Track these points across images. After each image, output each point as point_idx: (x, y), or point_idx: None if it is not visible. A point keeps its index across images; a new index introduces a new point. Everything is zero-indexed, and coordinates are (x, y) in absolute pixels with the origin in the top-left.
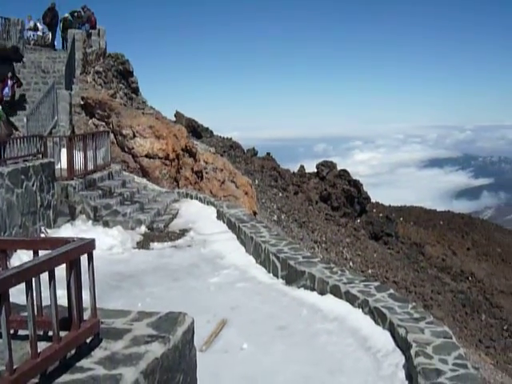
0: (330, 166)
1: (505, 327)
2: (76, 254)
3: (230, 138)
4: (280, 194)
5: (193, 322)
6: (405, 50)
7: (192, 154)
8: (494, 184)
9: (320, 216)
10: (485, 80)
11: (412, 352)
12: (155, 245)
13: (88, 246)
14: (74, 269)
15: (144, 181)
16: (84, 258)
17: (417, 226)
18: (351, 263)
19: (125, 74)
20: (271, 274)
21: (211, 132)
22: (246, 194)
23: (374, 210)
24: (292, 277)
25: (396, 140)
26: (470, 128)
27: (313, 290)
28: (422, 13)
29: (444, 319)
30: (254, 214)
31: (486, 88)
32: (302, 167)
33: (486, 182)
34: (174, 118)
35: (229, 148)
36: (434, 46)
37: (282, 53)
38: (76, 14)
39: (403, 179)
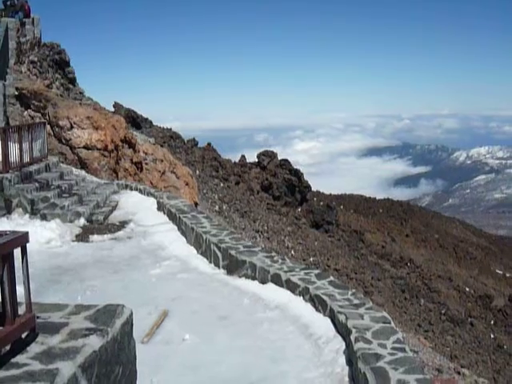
0: (270, 155)
1: (442, 311)
2: (8, 247)
3: (170, 129)
4: (221, 185)
5: (131, 314)
6: (343, 40)
7: (131, 144)
8: (432, 172)
9: (261, 206)
10: (422, 69)
11: (352, 338)
12: (95, 237)
13: (21, 240)
14: (6, 263)
15: (82, 173)
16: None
17: (357, 213)
18: (293, 252)
19: (61, 64)
20: (212, 265)
21: (151, 122)
22: (187, 184)
23: (315, 199)
24: (233, 266)
25: (336, 129)
26: (407, 117)
27: (254, 279)
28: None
29: (384, 305)
30: (195, 204)
31: (424, 77)
32: (243, 157)
33: (423, 169)
34: (112, 109)
35: (169, 138)
36: (371, 34)
37: (226, 41)
38: (9, 2)
39: (343, 168)
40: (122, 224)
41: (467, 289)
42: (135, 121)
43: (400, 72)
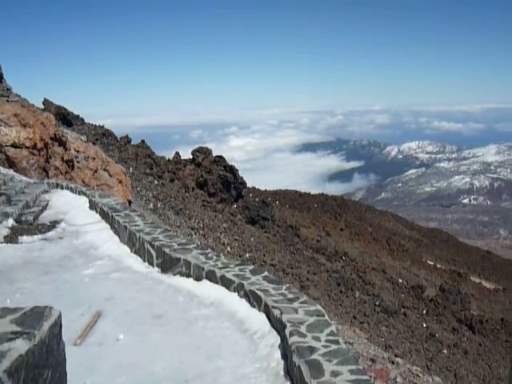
0: (205, 152)
1: (377, 303)
2: None
3: (103, 126)
4: (155, 182)
5: (60, 316)
6: (276, 37)
7: (62, 142)
8: (365, 166)
9: (197, 202)
10: (354, 66)
11: (287, 332)
12: (24, 238)
13: None
14: None
15: (10, 172)
16: None
17: (292, 209)
18: (229, 248)
19: None
20: (146, 263)
21: (82, 120)
22: (120, 182)
23: (251, 195)
24: (167, 264)
25: (271, 125)
26: (341, 113)
27: (188, 276)
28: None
29: (320, 298)
30: (129, 202)
31: (357, 74)
32: (177, 154)
33: (356, 164)
34: (42, 106)
35: (101, 136)
36: (304, 32)
37: (159, 37)
38: None
39: (278, 164)
40: (53, 224)
41: (400, 280)
42: (66, 118)
43: (334, 69)
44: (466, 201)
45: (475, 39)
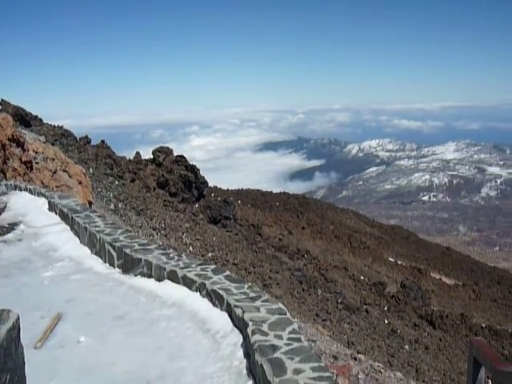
0: (166, 151)
1: (339, 300)
2: None
3: (62, 126)
4: (116, 182)
5: (18, 319)
6: (237, 36)
7: (20, 143)
8: (326, 165)
9: (158, 202)
10: (314, 65)
11: (249, 330)
12: None
13: None
14: None
15: None
16: None
17: (254, 208)
18: (191, 248)
19: None
20: (107, 264)
21: (41, 120)
22: (80, 183)
23: (213, 195)
24: (128, 265)
25: (232, 124)
26: (302, 111)
27: (150, 276)
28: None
29: (283, 297)
30: (90, 203)
31: (317, 72)
32: (137, 154)
33: (317, 163)
34: None
35: (60, 136)
36: (265, 31)
37: (116, 35)
38: None
39: (240, 163)
40: (12, 226)
41: (362, 277)
42: (24, 119)
43: (294, 68)
44: (425, 198)
45: (433, 38)
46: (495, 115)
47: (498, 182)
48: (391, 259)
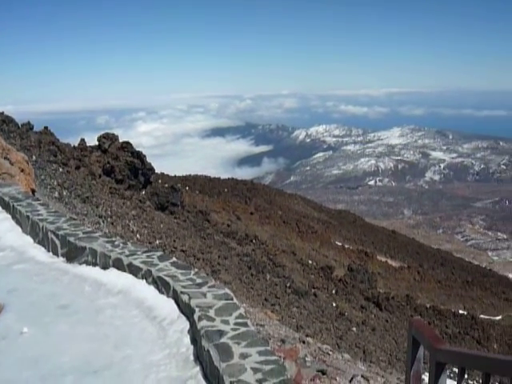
0: (111, 138)
1: (288, 284)
2: None
3: (2, 113)
4: (60, 170)
5: None
6: (183, 22)
7: None
8: (273, 150)
9: (104, 190)
10: (261, 51)
11: (195, 317)
12: None
13: None
14: None
15: None
16: None
17: (202, 194)
18: (138, 235)
19: None
20: (51, 253)
21: None
22: (22, 171)
23: (160, 181)
24: (73, 254)
25: (179, 110)
26: (249, 97)
27: (95, 265)
28: None
29: (232, 282)
30: (33, 191)
31: (264, 57)
32: (82, 140)
33: (265, 149)
34: None
35: (1, 123)
36: (210, 17)
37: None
38: None
39: (187, 149)
40: None
41: (310, 261)
42: None
43: (241, 53)
44: (371, 182)
45: (379, 25)
46: (438, 101)
47: (442, 166)
48: (338, 243)
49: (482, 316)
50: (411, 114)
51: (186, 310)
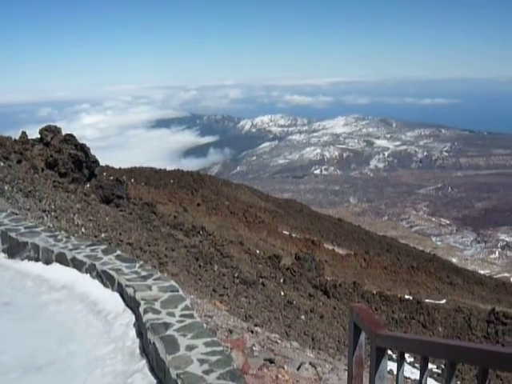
0: (54, 130)
1: (235, 274)
2: None
3: None
4: (1, 164)
5: None
6: (123, 14)
7: None
8: (219, 141)
9: (47, 184)
10: (205, 39)
11: (141, 309)
12: None
13: None
14: None
15: None
16: None
17: (148, 186)
18: (83, 229)
19: None
20: None
21: None
22: None
23: (105, 174)
24: (14, 249)
25: (124, 102)
26: (194, 88)
27: (37, 260)
28: None
29: (179, 274)
30: None
31: (207, 47)
32: (24, 133)
33: (211, 139)
34: None
35: None
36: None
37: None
38: None
39: (132, 140)
40: None
41: (258, 251)
42: None
43: (185, 43)
44: (317, 171)
45: (321, 16)
46: (381, 90)
47: (386, 154)
48: (286, 232)
49: (427, 300)
50: (355, 103)
51: (131, 303)
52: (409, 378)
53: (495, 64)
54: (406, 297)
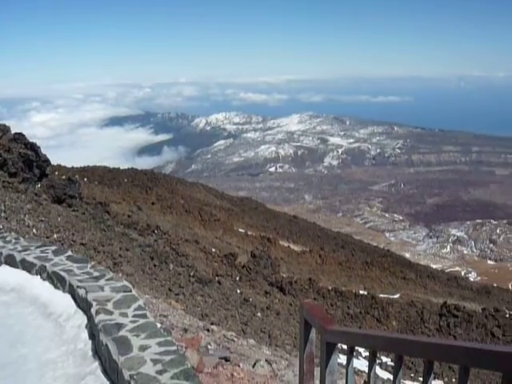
0: (3, 129)
1: (191, 273)
2: None
3: None
4: None
5: None
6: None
7: None
8: (174, 139)
9: None
10: (159, 37)
11: (93, 311)
12: None
13: None
14: None
15: None
16: None
17: (101, 185)
18: (34, 230)
19: None
20: None
21: None
22: None
23: (56, 173)
24: None
25: (76, 100)
26: (148, 85)
27: None
28: None
29: (134, 274)
30: None
31: (162, 45)
32: None
33: (165, 137)
34: None
35: None
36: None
37: None
38: None
39: (85, 139)
40: None
41: (213, 249)
42: None
43: (139, 41)
44: (272, 169)
45: (275, 14)
46: (336, 88)
47: (340, 151)
48: (241, 230)
49: (381, 295)
50: (310, 101)
51: (83, 304)
52: (364, 372)
53: (445, 63)
54: (361, 292)
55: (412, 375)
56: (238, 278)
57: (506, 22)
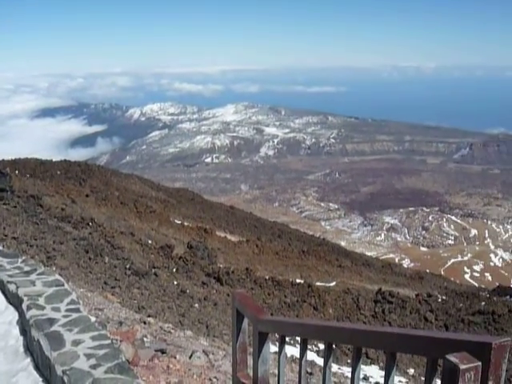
0: None
1: (127, 266)
2: None
3: None
4: None
5: None
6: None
7: None
8: (108, 130)
9: None
10: (91, 26)
11: (24, 306)
12: None
13: None
14: None
15: None
16: None
17: (33, 178)
18: None
19: None
20: None
21: None
22: None
23: None
24: None
25: (6, 90)
26: (81, 75)
27: None
28: None
29: (69, 267)
30: None
31: (94, 34)
32: None
33: (99, 128)
34: None
35: None
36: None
37: None
38: None
39: (15, 131)
40: None
41: (149, 241)
42: None
43: (69, 29)
44: (208, 160)
45: (209, 3)
46: (271, 79)
47: (275, 141)
48: (178, 221)
49: (317, 283)
50: (245, 92)
51: (13, 299)
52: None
53: (378, 54)
54: (298, 281)
55: (349, 361)
56: (174, 270)
57: (438, 12)
